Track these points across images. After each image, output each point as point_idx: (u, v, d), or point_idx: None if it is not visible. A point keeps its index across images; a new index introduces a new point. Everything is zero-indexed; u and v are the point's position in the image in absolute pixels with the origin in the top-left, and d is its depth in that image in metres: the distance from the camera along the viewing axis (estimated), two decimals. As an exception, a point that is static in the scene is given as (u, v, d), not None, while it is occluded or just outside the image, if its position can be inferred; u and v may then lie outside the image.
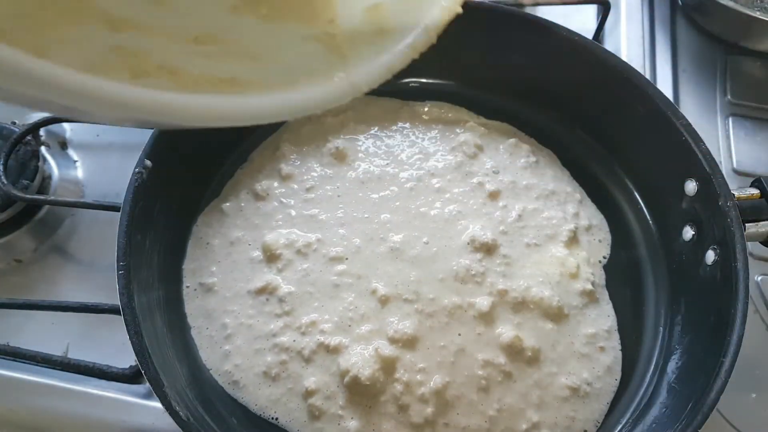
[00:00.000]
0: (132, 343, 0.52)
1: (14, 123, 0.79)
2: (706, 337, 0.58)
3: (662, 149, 0.67)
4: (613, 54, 0.70)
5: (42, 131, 0.80)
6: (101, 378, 0.63)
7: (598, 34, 0.88)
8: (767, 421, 0.64)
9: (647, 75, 0.86)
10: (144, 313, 0.55)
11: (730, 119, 0.85)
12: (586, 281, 0.65)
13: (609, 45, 0.89)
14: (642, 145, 0.71)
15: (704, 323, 0.59)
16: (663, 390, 0.60)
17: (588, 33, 0.82)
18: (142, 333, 0.53)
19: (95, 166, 0.81)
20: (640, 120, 0.68)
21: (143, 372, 0.51)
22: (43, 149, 0.78)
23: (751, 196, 0.61)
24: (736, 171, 0.81)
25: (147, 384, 0.51)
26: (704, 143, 0.62)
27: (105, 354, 0.64)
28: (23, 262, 0.73)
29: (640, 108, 0.67)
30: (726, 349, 0.53)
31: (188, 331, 0.63)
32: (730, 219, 0.58)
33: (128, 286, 0.54)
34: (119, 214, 0.57)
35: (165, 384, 0.51)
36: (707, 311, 0.59)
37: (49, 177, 0.77)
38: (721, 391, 0.51)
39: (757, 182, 0.62)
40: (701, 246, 0.62)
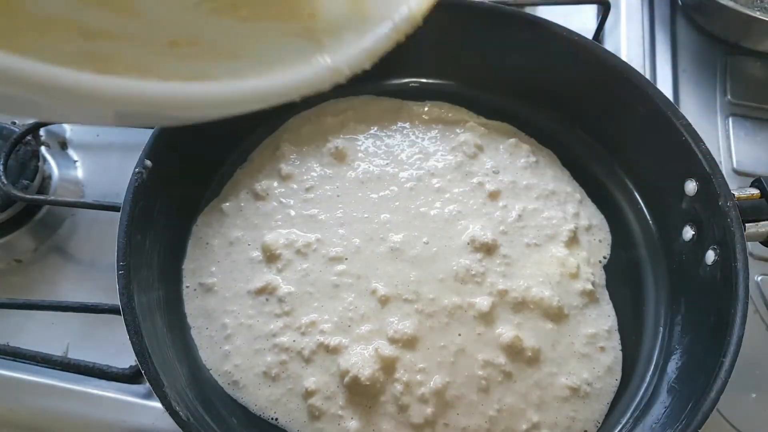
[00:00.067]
0: (132, 343, 0.52)
1: (14, 123, 0.79)
2: (706, 337, 0.58)
3: (662, 149, 0.67)
4: (613, 54, 0.70)
5: (42, 131, 0.80)
6: (101, 378, 0.63)
7: (598, 34, 0.88)
8: (767, 421, 0.64)
9: (647, 75, 0.86)
10: (144, 313, 0.55)
11: (730, 119, 0.85)
12: (587, 281, 0.65)
13: (609, 45, 0.89)
14: (642, 145, 0.71)
15: (704, 323, 0.59)
16: (663, 390, 0.60)
17: (588, 33, 0.82)
18: (142, 333, 0.53)
19: (95, 166, 0.81)
20: (640, 120, 0.68)
21: (143, 372, 0.51)
22: (43, 149, 0.78)
23: (751, 196, 0.61)
24: (736, 171, 0.81)
25: (147, 384, 0.51)
26: (704, 143, 0.62)
27: (105, 354, 0.64)
28: (23, 262, 0.73)
29: (640, 108, 0.67)
30: (726, 349, 0.53)
31: (188, 331, 0.63)
32: (730, 219, 0.58)
33: (128, 286, 0.54)
34: (119, 214, 0.57)
35: (165, 384, 0.51)
36: (707, 311, 0.59)
37: (49, 177, 0.77)
38: (721, 391, 0.51)
39: (757, 182, 0.62)
40: (701, 246, 0.62)
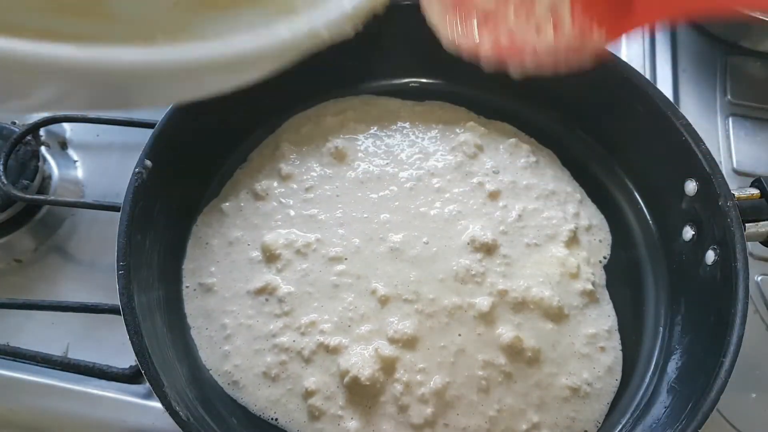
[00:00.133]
0: (132, 343, 0.52)
1: (14, 123, 0.79)
2: (706, 337, 0.58)
3: (662, 149, 0.67)
4: (613, 54, 0.70)
5: (42, 131, 0.80)
6: (101, 378, 0.63)
7: (598, 34, 0.88)
8: (767, 421, 0.64)
9: (647, 75, 0.86)
10: (144, 313, 0.55)
11: (730, 119, 0.85)
12: (587, 281, 0.65)
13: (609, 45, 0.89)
14: (642, 145, 0.71)
15: (704, 323, 0.59)
16: (663, 390, 0.60)
17: (588, 33, 0.82)
18: (142, 333, 0.53)
19: (95, 166, 0.80)
20: (640, 120, 0.68)
21: (143, 372, 0.51)
22: (43, 149, 0.78)
23: (751, 196, 0.61)
24: (736, 171, 0.81)
25: (147, 384, 0.51)
26: (704, 143, 0.62)
27: (105, 354, 0.64)
28: (23, 262, 0.73)
29: (640, 108, 0.67)
30: (726, 349, 0.53)
31: (188, 331, 0.63)
32: (730, 219, 0.58)
33: (128, 286, 0.54)
34: (119, 214, 0.57)
35: (165, 384, 0.51)
36: (707, 311, 0.59)
37: (49, 177, 0.77)
38: (721, 391, 0.51)
39: (757, 182, 0.62)
40: (701, 246, 0.62)
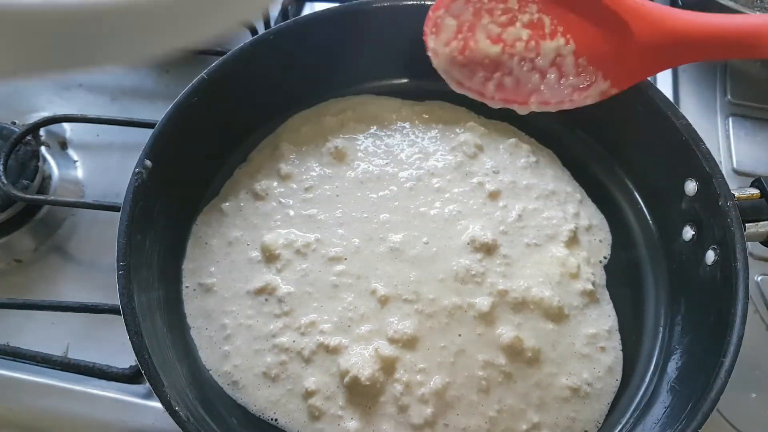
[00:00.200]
0: (132, 343, 0.52)
1: (14, 123, 0.79)
2: (706, 337, 0.58)
3: (662, 149, 0.67)
4: (613, 54, 0.70)
5: (42, 131, 0.80)
6: (101, 378, 0.63)
7: (598, 34, 0.88)
8: (767, 421, 0.64)
9: (647, 75, 0.86)
10: (144, 313, 0.55)
11: (730, 119, 0.85)
12: (587, 281, 0.65)
13: (609, 45, 0.89)
14: (642, 145, 0.71)
15: (704, 323, 0.59)
16: (663, 390, 0.60)
17: (588, 33, 0.82)
18: (142, 333, 0.53)
19: (95, 166, 0.81)
20: (640, 120, 0.68)
21: (143, 372, 0.51)
22: (43, 149, 0.78)
23: (751, 196, 0.61)
24: (736, 171, 0.81)
25: (147, 384, 0.51)
26: (704, 143, 0.62)
27: (105, 354, 0.64)
28: (23, 262, 0.73)
29: (640, 108, 0.67)
30: (726, 349, 0.53)
31: (188, 332, 0.63)
32: (730, 219, 0.58)
33: (128, 286, 0.54)
34: (119, 214, 0.57)
35: (165, 384, 0.51)
36: (707, 311, 0.59)
37: (49, 177, 0.77)
38: (721, 391, 0.51)
39: (757, 182, 0.62)
40: (701, 246, 0.62)
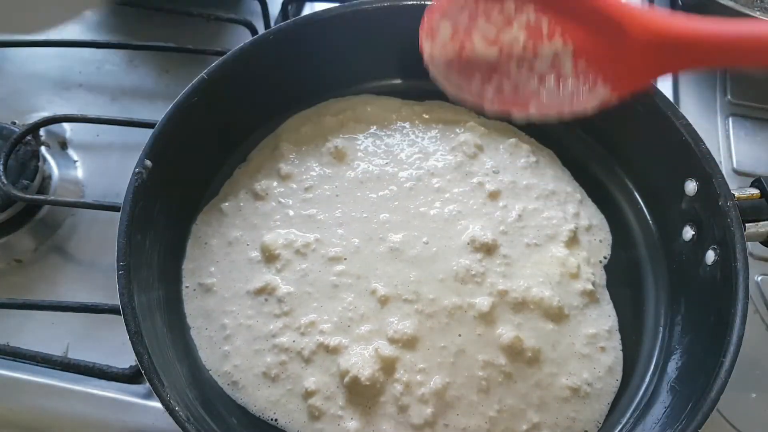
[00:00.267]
0: (132, 343, 0.52)
1: (14, 123, 0.79)
2: (706, 337, 0.58)
3: (662, 149, 0.67)
4: (613, 54, 0.70)
5: (42, 131, 0.80)
6: (101, 378, 0.63)
7: (598, 34, 0.88)
8: (767, 421, 0.64)
9: (647, 75, 0.86)
10: (144, 313, 0.55)
11: (730, 119, 0.85)
12: (587, 281, 0.65)
13: (609, 45, 0.89)
14: (642, 145, 0.70)
15: (704, 323, 0.59)
16: (663, 390, 0.60)
17: (588, 33, 0.82)
18: (142, 333, 0.53)
19: (95, 166, 0.81)
20: (640, 120, 0.68)
21: (143, 372, 0.51)
22: (43, 149, 0.78)
23: (751, 196, 0.61)
24: (736, 171, 0.81)
25: (147, 384, 0.51)
26: (704, 143, 0.62)
27: (105, 354, 0.64)
28: (23, 262, 0.73)
29: (640, 108, 0.67)
30: (726, 349, 0.53)
31: (188, 332, 0.63)
32: (730, 219, 0.58)
33: (128, 286, 0.54)
34: (119, 214, 0.57)
35: (165, 384, 0.51)
36: (707, 311, 0.59)
37: (49, 177, 0.77)
38: (721, 391, 0.51)
39: (757, 182, 0.62)
40: (701, 246, 0.62)
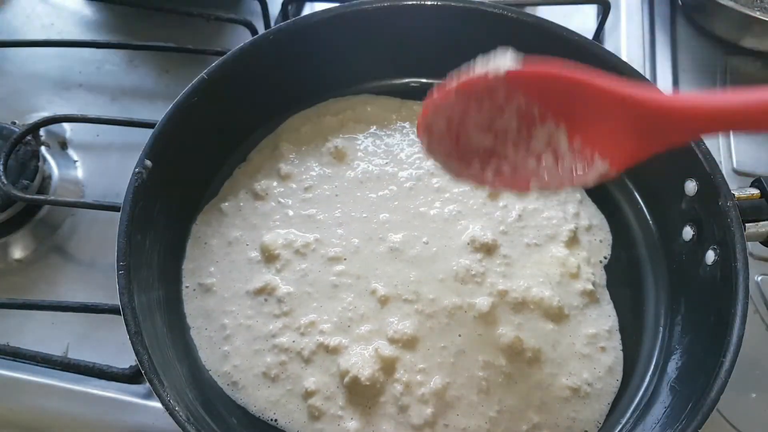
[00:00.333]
0: (132, 343, 0.52)
1: (14, 123, 0.79)
2: (706, 337, 0.58)
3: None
4: (613, 54, 0.70)
5: (42, 131, 0.80)
6: (101, 378, 0.63)
7: (598, 34, 0.88)
8: (767, 421, 0.64)
9: (647, 75, 0.86)
10: (144, 313, 0.55)
11: (731, 119, 0.85)
12: (587, 281, 0.65)
13: (609, 45, 0.89)
14: (642, 145, 0.70)
15: (704, 323, 0.59)
16: (663, 390, 0.60)
17: (588, 33, 0.82)
18: (142, 333, 0.53)
19: (95, 166, 0.81)
20: (640, 120, 0.68)
21: (143, 372, 0.51)
22: (43, 149, 0.78)
23: (751, 196, 0.61)
24: (736, 171, 0.80)
25: (147, 384, 0.51)
26: (704, 143, 0.62)
27: (105, 354, 0.64)
28: (23, 262, 0.73)
29: (640, 108, 0.67)
30: (726, 349, 0.53)
31: (188, 332, 0.63)
32: (730, 219, 0.58)
33: (128, 286, 0.54)
34: (119, 214, 0.57)
35: (165, 384, 0.51)
36: (707, 311, 0.59)
37: (49, 177, 0.77)
38: (721, 391, 0.51)
39: (757, 182, 0.62)
40: (701, 246, 0.62)
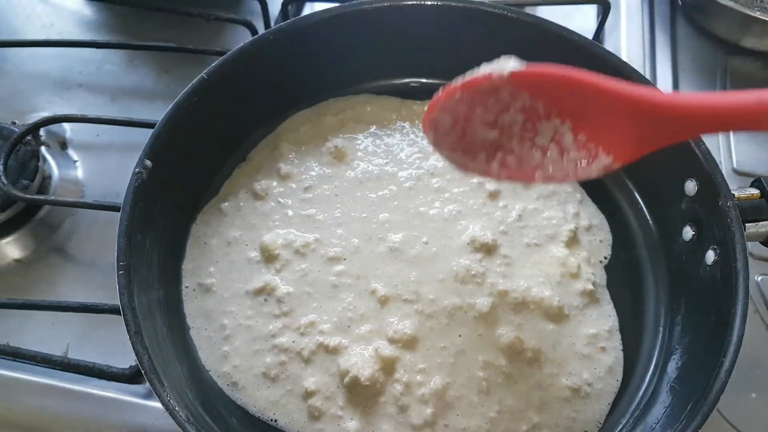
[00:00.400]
0: (132, 343, 0.52)
1: (14, 123, 0.79)
2: (706, 337, 0.58)
3: (662, 149, 0.67)
4: (613, 54, 0.70)
5: (42, 131, 0.80)
6: (101, 378, 0.63)
7: (598, 34, 0.88)
8: (767, 421, 0.64)
9: (647, 75, 0.86)
10: (144, 313, 0.55)
11: (731, 119, 0.85)
12: (587, 281, 0.65)
13: (609, 45, 0.89)
14: (642, 145, 0.70)
15: (704, 323, 0.59)
16: (663, 390, 0.60)
17: (588, 33, 0.82)
18: (142, 333, 0.53)
19: (95, 166, 0.81)
20: (640, 120, 0.68)
21: (143, 372, 0.51)
22: (43, 149, 0.78)
23: (751, 196, 0.61)
24: (736, 171, 0.80)
25: (147, 384, 0.51)
26: (704, 143, 0.62)
27: (105, 354, 0.64)
28: (23, 262, 0.73)
29: (640, 108, 0.67)
30: (726, 349, 0.53)
31: (188, 332, 0.63)
32: (730, 219, 0.58)
33: (128, 286, 0.54)
34: (119, 214, 0.57)
35: (165, 384, 0.51)
36: (707, 311, 0.59)
37: (49, 177, 0.77)
38: (721, 391, 0.51)
39: (757, 182, 0.62)
40: (701, 246, 0.62)
